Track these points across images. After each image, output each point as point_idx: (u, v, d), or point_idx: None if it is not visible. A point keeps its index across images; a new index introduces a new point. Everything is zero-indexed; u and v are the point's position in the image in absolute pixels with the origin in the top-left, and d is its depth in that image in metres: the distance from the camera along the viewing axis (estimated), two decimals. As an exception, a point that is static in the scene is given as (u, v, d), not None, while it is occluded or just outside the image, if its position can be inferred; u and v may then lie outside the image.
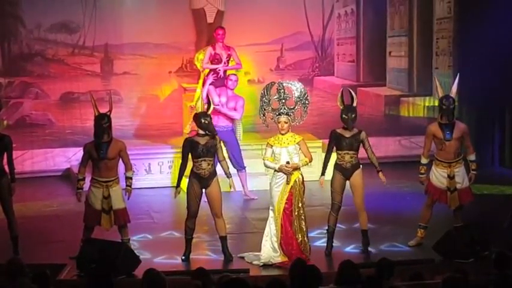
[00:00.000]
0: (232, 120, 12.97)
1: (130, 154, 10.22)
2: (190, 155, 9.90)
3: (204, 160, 9.82)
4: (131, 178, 10.16)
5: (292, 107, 9.72)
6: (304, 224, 9.62)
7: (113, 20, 15.10)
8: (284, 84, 9.79)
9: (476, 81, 15.21)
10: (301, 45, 16.02)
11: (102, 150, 9.84)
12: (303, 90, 9.83)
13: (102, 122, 9.90)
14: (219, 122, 12.70)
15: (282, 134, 9.65)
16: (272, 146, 9.66)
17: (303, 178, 9.70)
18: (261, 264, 9.59)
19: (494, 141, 15.38)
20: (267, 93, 9.80)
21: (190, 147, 9.85)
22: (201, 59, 14.51)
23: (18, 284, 6.65)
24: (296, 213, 9.57)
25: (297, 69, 15.97)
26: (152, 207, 12.56)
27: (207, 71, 13.89)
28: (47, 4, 14.85)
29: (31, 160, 14.72)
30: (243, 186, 12.88)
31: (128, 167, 10.14)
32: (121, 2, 15.22)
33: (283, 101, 9.68)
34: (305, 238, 9.61)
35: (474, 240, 9.55)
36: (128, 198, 10.09)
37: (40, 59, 15.03)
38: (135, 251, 9.67)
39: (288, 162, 9.53)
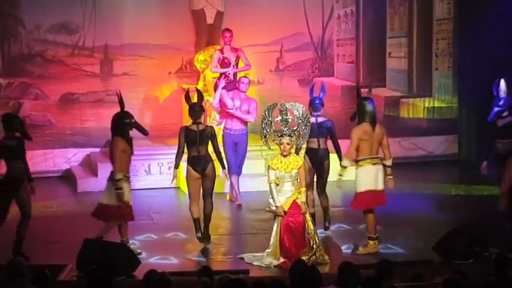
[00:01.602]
0: (246, 123, 12.69)
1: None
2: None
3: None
4: None
5: (294, 128, 9.71)
6: (313, 226, 9.67)
7: (112, 20, 15.11)
8: (287, 106, 9.78)
9: (476, 82, 15.22)
10: (301, 46, 16.04)
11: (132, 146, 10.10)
12: (304, 112, 9.84)
13: (131, 119, 10.14)
14: (233, 126, 12.55)
15: (284, 156, 9.63)
16: (275, 169, 9.62)
17: None
18: (263, 265, 9.59)
19: (494, 142, 15.37)
20: (269, 114, 9.77)
21: (185, 135, 10.22)
22: (201, 59, 14.53)
23: (17, 285, 6.65)
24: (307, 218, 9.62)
25: (297, 70, 15.99)
26: (152, 208, 12.54)
27: (209, 72, 13.92)
28: (47, 5, 14.86)
29: (31, 161, 14.54)
30: (233, 189, 12.69)
31: None
32: (120, 2, 15.23)
33: (286, 122, 9.68)
34: (316, 239, 9.64)
35: (473, 241, 9.55)
36: None
37: (40, 59, 15.04)
38: (135, 252, 9.67)
39: (285, 212, 9.51)
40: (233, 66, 13.00)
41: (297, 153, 10.17)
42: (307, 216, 9.68)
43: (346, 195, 12.32)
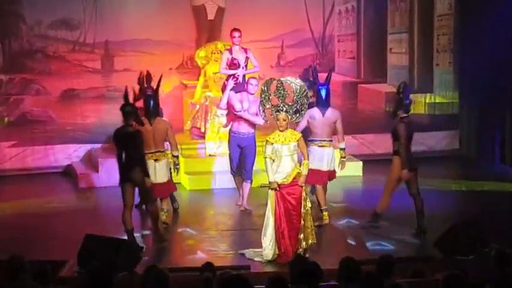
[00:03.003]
0: (254, 126, 12.03)
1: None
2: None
3: None
4: None
5: (291, 103, 9.69)
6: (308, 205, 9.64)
7: (113, 16, 15.10)
8: (283, 81, 9.76)
9: (477, 77, 15.23)
10: (302, 42, 16.02)
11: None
12: (302, 87, 9.79)
13: None
14: (240, 129, 11.97)
15: (281, 131, 9.63)
16: (272, 143, 9.62)
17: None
18: (264, 261, 9.59)
19: (495, 138, 15.39)
20: (266, 89, 9.77)
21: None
22: (202, 55, 14.50)
23: (19, 281, 6.65)
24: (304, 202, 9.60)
25: (298, 66, 15.94)
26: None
27: (209, 68, 13.87)
28: (48, 1, 14.86)
29: (32, 157, 14.72)
30: (242, 197, 12.15)
31: None
32: (121, -2, 15.25)
33: (282, 98, 9.65)
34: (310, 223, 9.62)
35: (474, 237, 9.55)
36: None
37: (41, 55, 15.03)
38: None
39: (279, 185, 9.52)
40: (242, 67, 12.47)
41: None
42: (304, 192, 9.59)
43: (347, 192, 12.38)
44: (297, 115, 9.72)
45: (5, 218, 11.82)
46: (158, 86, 11.18)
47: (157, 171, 10.79)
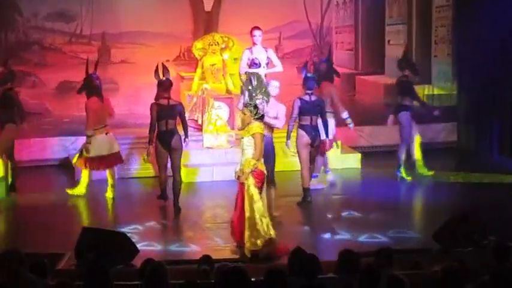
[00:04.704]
0: (272, 129, 11.10)
1: (128, 143, 10.33)
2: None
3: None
4: None
5: (251, 97, 9.59)
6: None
7: (110, 8, 15.07)
8: (243, 77, 9.78)
9: (475, 69, 15.19)
10: (299, 34, 15.99)
11: None
12: (259, 82, 9.62)
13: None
14: None
15: (246, 125, 9.55)
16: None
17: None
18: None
19: (493, 129, 15.36)
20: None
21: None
22: (199, 47, 14.45)
23: (16, 274, 6.62)
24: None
25: (296, 57, 15.93)
26: (151, 195, 12.49)
27: (207, 60, 13.81)
28: (44, -8, 14.83)
29: (28, 149, 14.66)
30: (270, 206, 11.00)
31: None
32: (118, -10, 15.20)
33: (247, 92, 9.59)
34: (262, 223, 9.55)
35: (473, 229, 9.53)
36: None
37: (37, 47, 14.99)
38: (134, 240, 9.64)
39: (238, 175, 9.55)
40: (263, 67, 12.10)
41: None
42: (247, 186, 9.40)
43: (346, 184, 12.34)
44: (256, 110, 9.51)
45: (1, 211, 11.79)
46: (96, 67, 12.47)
47: (112, 142, 12.10)
